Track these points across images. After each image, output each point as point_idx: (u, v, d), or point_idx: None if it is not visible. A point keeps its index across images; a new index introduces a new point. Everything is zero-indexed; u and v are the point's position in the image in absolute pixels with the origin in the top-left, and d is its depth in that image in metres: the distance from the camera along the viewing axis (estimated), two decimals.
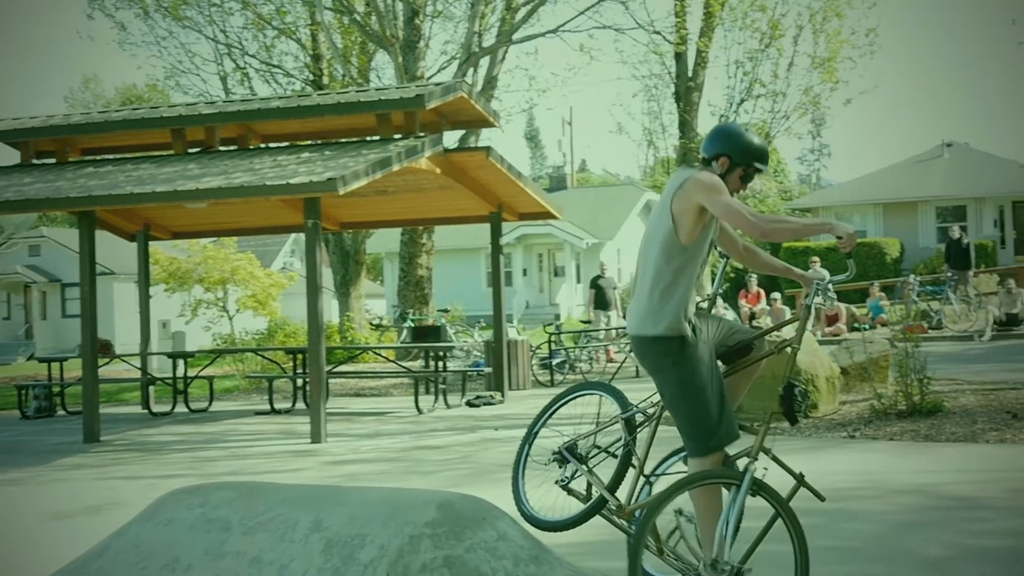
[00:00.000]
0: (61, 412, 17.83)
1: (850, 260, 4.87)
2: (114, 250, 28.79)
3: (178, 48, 29.15)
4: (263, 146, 16.00)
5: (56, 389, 18.06)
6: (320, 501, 4.85)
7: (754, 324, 21.78)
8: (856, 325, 22.77)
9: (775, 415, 4.89)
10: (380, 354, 21.33)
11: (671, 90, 28.30)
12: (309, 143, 15.99)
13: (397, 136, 14.66)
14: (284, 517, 4.74)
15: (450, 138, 21.29)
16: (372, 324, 28.11)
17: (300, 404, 17.04)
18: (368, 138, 15.46)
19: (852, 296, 28.15)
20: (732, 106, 28.03)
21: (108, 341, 18.89)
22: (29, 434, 15.29)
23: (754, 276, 25.90)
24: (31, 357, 23.05)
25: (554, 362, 20.06)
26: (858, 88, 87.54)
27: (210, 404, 17.88)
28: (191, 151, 15.52)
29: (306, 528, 4.63)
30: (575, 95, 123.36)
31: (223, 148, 15.72)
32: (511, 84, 74.40)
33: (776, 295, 24.62)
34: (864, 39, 27.52)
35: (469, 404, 16.27)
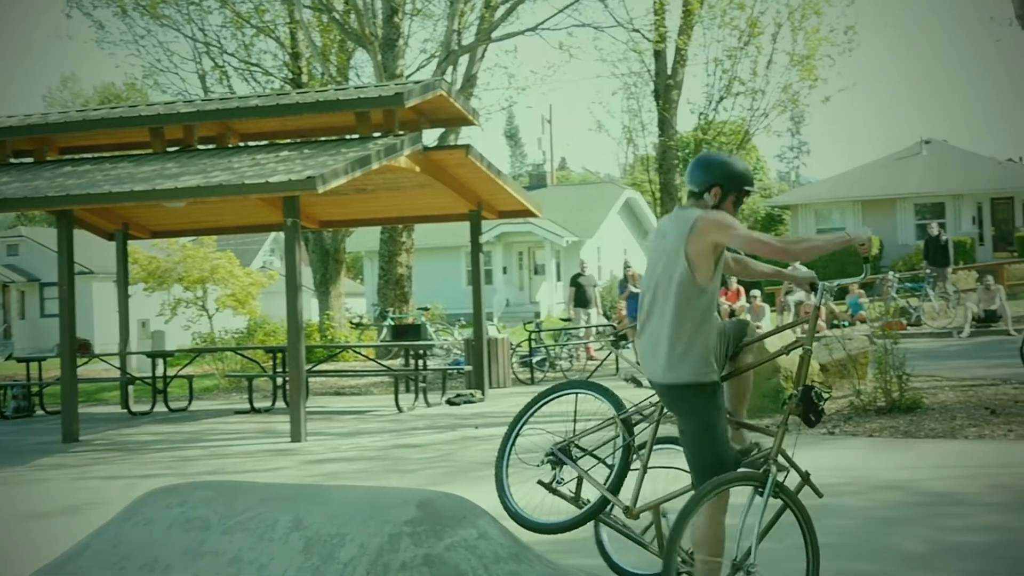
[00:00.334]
0: (40, 412, 17.77)
1: (867, 264, 4.97)
2: (93, 249, 28.68)
3: (156, 47, 29.03)
4: (242, 145, 15.96)
5: (35, 389, 17.98)
6: (300, 500, 4.83)
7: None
8: (835, 322, 22.81)
9: (791, 417, 4.89)
10: (360, 353, 21.31)
11: (650, 88, 28.31)
12: (288, 142, 15.98)
13: (376, 134, 14.64)
14: (263, 516, 4.72)
15: (430, 136, 21.30)
16: (352, 323, 28.08)
17: (280, 403, 17.00)
18: (347, 136, 15.43)
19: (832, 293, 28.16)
20: (711, 104, 28.10)
21: (87, 341, 18.74)
22: (7, 434, 15.22)
23: None
24: (9, 357, 22.88)
25: (534, 360, 20.08)
26: (837, 86, 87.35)
27: (189, 403, 17.83)
28: (170, 150, 15.47)
29: (286, 527, 4.61)
30: (555, 93, 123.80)
31: (202, 147, 15.67)
32: (491, 82, 74.63)
33: (755, 292, 24.66)
34: (843, 37, 27.54)
35: (449, 402, 16.26)
